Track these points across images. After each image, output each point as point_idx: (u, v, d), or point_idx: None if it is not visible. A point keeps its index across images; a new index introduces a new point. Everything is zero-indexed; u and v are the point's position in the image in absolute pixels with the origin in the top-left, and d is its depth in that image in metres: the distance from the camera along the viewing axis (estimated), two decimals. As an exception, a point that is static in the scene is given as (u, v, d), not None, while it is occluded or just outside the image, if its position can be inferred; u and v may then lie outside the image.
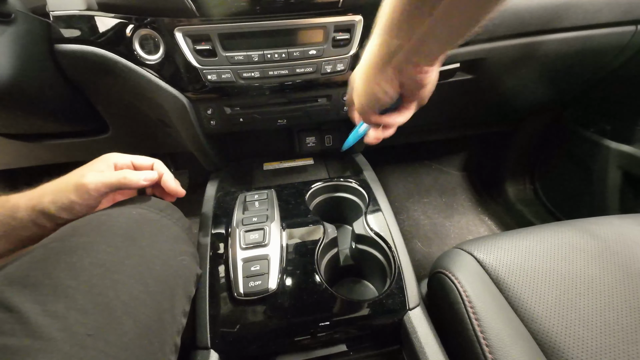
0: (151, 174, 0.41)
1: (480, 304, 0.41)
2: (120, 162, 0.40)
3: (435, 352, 0.40)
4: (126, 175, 0.37)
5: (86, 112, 0.59)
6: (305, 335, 0.42)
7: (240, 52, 0.48)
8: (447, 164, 1.29)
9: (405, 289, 0.45)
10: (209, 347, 0.40)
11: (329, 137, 0.71)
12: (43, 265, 0.27)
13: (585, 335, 0.36)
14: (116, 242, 0.31)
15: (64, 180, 0.36)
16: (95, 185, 0.35)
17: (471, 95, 0.78)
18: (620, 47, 0.67)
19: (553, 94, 0.86)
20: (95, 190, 0.35)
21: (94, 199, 0.36)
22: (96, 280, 0.27)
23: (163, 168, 0.43)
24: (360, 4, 0.49)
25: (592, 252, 0.45)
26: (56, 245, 0.29)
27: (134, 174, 0.38)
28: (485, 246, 0.48)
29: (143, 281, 0.30)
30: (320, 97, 0.57)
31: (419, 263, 0.97)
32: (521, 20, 0.56)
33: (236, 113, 0.55)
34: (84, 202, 0.35)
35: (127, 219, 0.35)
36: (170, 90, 0.50)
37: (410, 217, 1.12)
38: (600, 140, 0.86)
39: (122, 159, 0.40)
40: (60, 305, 0.25)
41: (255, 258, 0.46)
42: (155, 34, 0.47)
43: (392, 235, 0.51)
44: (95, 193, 0.35)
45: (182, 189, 0.45)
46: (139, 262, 0.31)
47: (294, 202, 0.57)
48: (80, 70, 0.49)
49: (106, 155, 0.40)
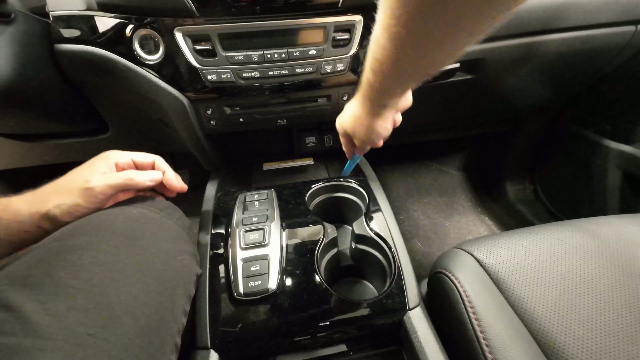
0: (156, 174, 0.41)
1: (480, 304, 0.41)
2: (121, 160, 0.40)
3: (435, 352, 0.40)
4: (132, 177, 0.38)
5: (86, 112, 0.59)
6: (305, 335, 0.42)
7: (240, 52, 0.48)
8: (447, 164, 1.29)
9: (405, 289, 0.45)
10: (208, 347, 0.40)
11: (328, 137, 0.71)
12: (44, 265, 0.27)
13: (585, 335, 0.36)
14: (116, 242, 0.31)
15: (66, 183, 0.36)
16: (102, 188, 0.36)
17: (471, 95, 0.78)
18: (620, 47, 0.67)
19: (553, 93, 0.86)
20: (102, 194, 0.36)
21: (100, 202, 0.36)
22: (97, 280, 0.27)
23: (165, 165, 0.43)
24: (360, 4, 0.49)
25: (592, 252, 0.45)
26: (57, 244, 0.29)
27: (139, 174, 0.39)
28: (485, 246, 0.48)
29: (143, 280, 0.30)
30: (320, 97, 0.57)
31: (419, 263, 0.97)
32: (521, 20, 0.57)
33: (236, 113, 0.55)
34: (90, 206, 0.36)
35: (127, 218, 0.35)
36: (170, 91, 0.50)
37: (410, 217, 1.12)
38: (600, 140, 0.86)
39: (122, 157, 0.40)
40: (61, 304, 0.25)
41: (255, 258, 0.46)
42: (155, 34, 0.47)
43: (392, 235, 0.51)
44: (102, 196, 0.36)
45: (184, 185, 0.45)
46: (140, 261, 0.31)
47: (294, 202, 0.57)
48: (80, 70, 0.49)
49: (106, 154, 0.40)
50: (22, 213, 0.34)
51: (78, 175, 0.37)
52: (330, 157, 0.73)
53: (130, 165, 0.41)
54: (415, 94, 0.43)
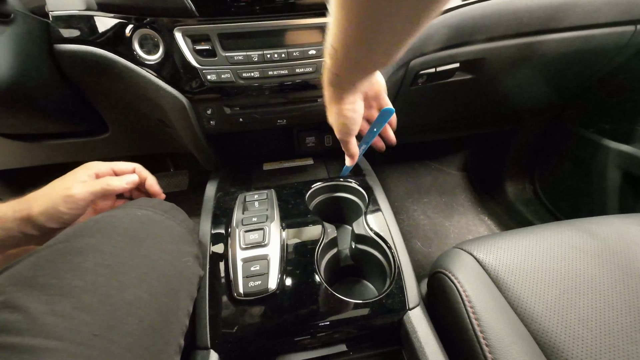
0: (132, 176, 0.43)
1: (480, 304, 0.41)
2: (101, 170, 0.42)
3: (435, 352, 0.40)
4: (109, 182, 0.40)
5: (86, 113, 0.59)
6: (305, 335, 0.42)
7: (240, 52, 0.48)
8: (447, 164, 1.29)
9: (405, 289, 0.45)
10: (208, 347, 0.40)
11: (328, 137, 0.71)
12: (49, 266, 0.27)
13: (585, 335, 0.36)
14: (121, 243, 0.32)
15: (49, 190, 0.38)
16: (82, 195, 0.38)
17: (470, 95, 0.78)
18: (620, 47, 0.67)
19: (552, 93, 0.86)
20: (83, 200, 0.38)
21: (81, 208, 0.38)
22: (102, 281, 0.28)
23: (145, 172, 0.46)
24: (360, 4, 0.49)
25: (592, 251, 0.45)
26: (62, 246, 0.30)
27: (116, 179, 0.41)
28: (485, 246, 0.48)
29: (148, 282, 0.30)
30: (320, 97, 0.57)
31: (418, 263, 0.97)
32: (520, 20, 0.57)
33: (236, 113, 0.55)
34: (72, 212, 0.37)
35: (132, 220, 0.35)
36: (170, 90, 0.50)
37: (410, 217, 1.12)
38: (600, 140, 0.86)
39: (103, 167, 0.42)
40: (67, 305, 0.25)
41: (255, 258, 0.46)
42: (154, 34, 0.47)
43: (391, 235, 0.51)
44: (83, 202, 0.38)
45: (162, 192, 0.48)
46: (144, 263, 0.32)
47: (294, 202, 0.57)
48: (79, 70, 0.49)
49: (88, 164, 0.42)
50: (7, 219, 0.35)
51: (60, 183, 0.39)
52: (330, 157, 0.73)
53: (110, 174, 0.43)
54: (416, 94, 0.44)
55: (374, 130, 0.48)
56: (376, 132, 0.48)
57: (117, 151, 0.73)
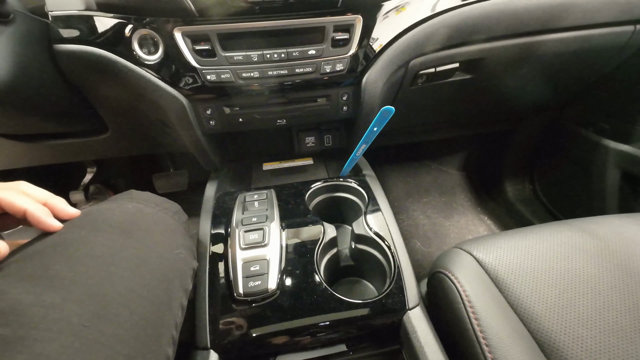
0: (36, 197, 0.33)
1: (480, 304, 0.41)
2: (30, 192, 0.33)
3: (435, 352, 0.40)
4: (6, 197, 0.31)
5: (85, 113, 0.59)
6: (305, 335, 0.42)
7: (240, 52, 0.48)
8: (446, 164, 1.29)
9: (405, 288, 0.45)
10: (208, 348, 0.40)
11: (328, 137, 0.71)
12: (39, 258, 0.27)
13: (585, 335, 0.37)
14: (112, 235, 0.31)
15: None
16: None
17: (470, 95, 0.78)
18: (619, 47, 0.67)
19: (552, 93, 0.86)
20: None
21: None
22: (92, 272, 0.27)
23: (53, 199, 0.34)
24: (359, 4, 0.49)
25: (591, 251, 0.45)
26: (52, 238, 0.30)
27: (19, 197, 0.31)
28: (485, 246, 0.48)
29: (139, 273, 0.30)
30: (319, 97, 0.57)
31: (418, 263, 0.97)
32: (520, 20, 0.57)
33: (235, 113, 0.55)
34: None
35: (123, 212, 0.35)
36: (170, 91, 0.50)
37: (410, 217, 1.12)
38: (600, 140, 0.86)
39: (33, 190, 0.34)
40: (57, 296, 0.25)
41: (255, 258, 0.46)
42: (154, 34, 0.47)
43: (391, 235, 0.51)
44: None
45: None
46: (135, 254, 0.31)
47: (294, 202, 0.57)
48: (79, 70, 0.49)
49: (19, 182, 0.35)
50: None
51: None
52: (329, 157, 0.73)
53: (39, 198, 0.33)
54: (415, 94, 0.44)
55: (374, 129, 0.48)
56: (376, 131, 0.48)
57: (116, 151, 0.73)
